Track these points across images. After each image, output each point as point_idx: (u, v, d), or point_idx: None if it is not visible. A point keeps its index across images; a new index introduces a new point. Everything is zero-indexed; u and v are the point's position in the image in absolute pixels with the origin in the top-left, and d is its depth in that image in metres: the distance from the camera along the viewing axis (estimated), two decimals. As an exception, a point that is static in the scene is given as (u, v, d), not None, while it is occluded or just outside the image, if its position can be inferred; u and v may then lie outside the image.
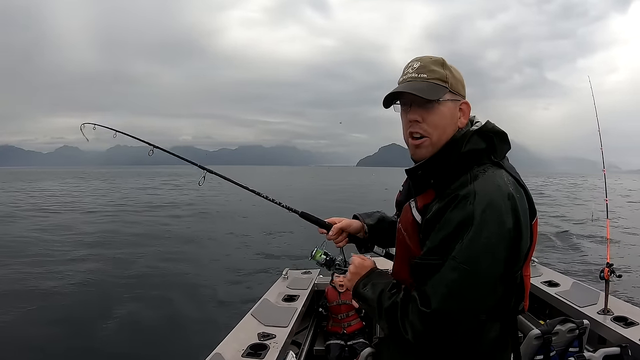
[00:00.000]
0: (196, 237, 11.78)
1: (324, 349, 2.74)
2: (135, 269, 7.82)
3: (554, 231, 11.97)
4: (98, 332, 4.70)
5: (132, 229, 12.90)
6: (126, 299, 5.96)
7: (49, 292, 6.16)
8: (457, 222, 0.89)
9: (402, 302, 0.95)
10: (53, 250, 9.45)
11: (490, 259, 0.87)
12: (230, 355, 1.78)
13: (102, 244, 10.22)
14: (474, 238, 0.87)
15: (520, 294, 1.00)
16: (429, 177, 1.02)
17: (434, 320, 0.88)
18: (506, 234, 0.88)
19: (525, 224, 0.92)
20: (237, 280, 7.25)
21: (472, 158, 0.99)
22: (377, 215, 1.39)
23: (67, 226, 13.07)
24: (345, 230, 1.34)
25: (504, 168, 0.99)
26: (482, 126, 1.03)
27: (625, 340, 1.87)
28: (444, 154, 1.00)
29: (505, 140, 1.04)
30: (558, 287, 2.62)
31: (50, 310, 5.34)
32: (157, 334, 4.74)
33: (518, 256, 0.92)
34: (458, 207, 0.90)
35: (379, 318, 1.00)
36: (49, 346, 4.28)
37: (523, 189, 0.98)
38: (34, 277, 6.97)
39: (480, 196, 0.89)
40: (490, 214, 0.87)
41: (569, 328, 1.61)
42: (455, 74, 1.03)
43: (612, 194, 24.30)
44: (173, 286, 6.68)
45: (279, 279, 2.99)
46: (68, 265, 7.99)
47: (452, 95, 1.01)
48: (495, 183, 0.93)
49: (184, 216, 16.38)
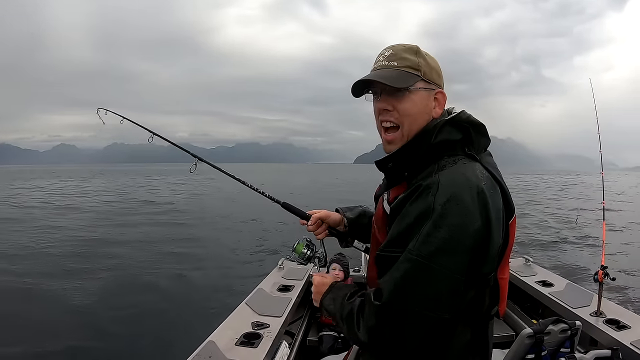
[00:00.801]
0: (191, 227, 11.83)
1: (317, 340, 2.76)
2: (128, 258, 7.84)
3: (548, 232, 12.01)
4: (92, 321, 4.72)
5: (126, 222, 12.92)
6: (119, 288, 5.98)
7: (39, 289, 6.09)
8: (416, 213, 0.85)
9: (359, 305, 0.93)
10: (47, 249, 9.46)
11: (448, 254, 0.81)
12: (224, 344, 1.79)
13: (96, 238, 10.23)
14: (431, 231, 0.81)
15: (494, 297, 0.94)
16: (402, 169, 0.98)
17: (385, 313, 0.85)
18: (471, 230, 0.82)
19: (496, 222, 0.86)
20: (233, 270, 7.29)
21: (443, 149, 0.94)
22: (358, 209, 1.37)
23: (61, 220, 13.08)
24: (324, 221, 1.33)
25: (478, 161, 0.94)
26: (456, 115, 0.98)
27: (616, 343, 1.88)
28: (414, 145, 0.96)
29: (483, 132, 0.99)
30: (552, 287, 2.63)
31: (40, 304, 5.32)
32: (151, 321, 4.77)
33: (486, 256, 0.86)
34: (419, 198, 0.86)
35: (342, 326, 0.98)
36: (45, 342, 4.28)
37: (499, 185, 0.93)
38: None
39: (443, 187, 0.84)
40: (453, 206, 0.82)
41: (561, 328, 1.61)
42: (430, 62, 0.98)
43: (609, 194, 24.34)
44: (167, 274, 6.73)
45: (275, 268, 2.99)
46: (59, 257, 8.00)
47: (425, 84, 0.96)
48: (463, 175, 0.87)
49: (178, 210, 16.41)
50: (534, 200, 21.18)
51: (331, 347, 2.70)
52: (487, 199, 0.85)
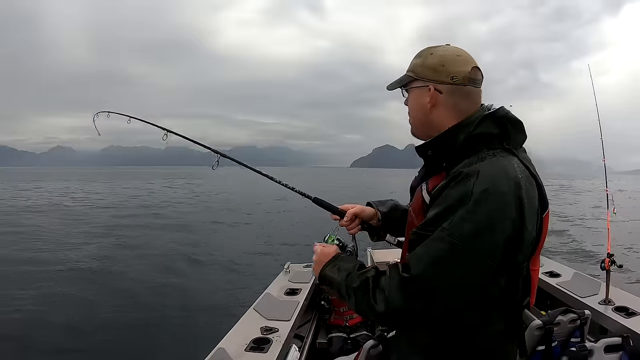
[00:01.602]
0: (198, 232, 11.81)
1: (327, 342, 2.76)
2: (135, 263, 7.85)
3: (554, 222, 11.98)
4: (100, 328, 4.72)
5: (135, 224, 12.93)
6: (127, 294, 5.99)
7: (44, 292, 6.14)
8: (455, 197, 0.87)
9: (375, 276, 0.95)
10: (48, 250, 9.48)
11: (480, 239, 0.84)
12: (234, 350, 1.79)
13: (104, 238, 10.25)
14: (467, 215, 0.84)
15: (526, 287, 0.97)
16: (441, 159, 1.01)
17: (412, 286, 0.86)
18: (506, 219, 0.85)
19: (530, 213, 0.89)
20: (239, 275, 7.29)
21: (482, 141, 0.97)
22: (390, 203, 1.39)
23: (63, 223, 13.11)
24: (358, 216, 1.34)
25: (516, 156, 0.96)
26: (495, 111, 1.01)
27: (626, 330, 1.87)
28: (451, 135, 1.00)
29: (521, 129, 1.03)
30: (559, 278, 2.62)
31: (50, 309, 5.36)
32: (160, 329, 4.77)
33: (520, 246, 0.88)
34: (459, 184, 0.89)
35: (347, 297, 0.99)
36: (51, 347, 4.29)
37: (535, 180, 0.95)
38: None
39: (483, 176, 0.87)
40: (491, 194, 0.85)
41: (570, 318, 1.61)
42: (427, 60, 1.02)
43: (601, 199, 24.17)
44: (175, 282, 6.73)
45: (281, 272, 2.99)
46: (64, 260, 8.00)
47: (420, 82, 1.03)
48: (502, 166, 0.91)
49: (186, 212, 16.42)
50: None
51: (341, 348, 2.69)
52: (523, 190, 0.88)
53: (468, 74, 1.00)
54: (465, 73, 1.00)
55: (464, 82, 1.00)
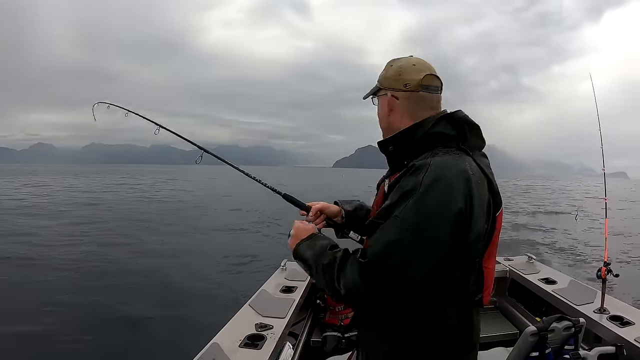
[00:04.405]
0: (193, 228, 11.82)
1: (321, 341, 2.77)
2: (129, 259, 7.85)
3: (549, 230, 11.99)
4: (94, 324, 4.71)
5: (126, 220, 12.94)
6: (121, 290, 5.99)
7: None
8: (406, 188, 0.93)
9: (341, 258, 0.99)
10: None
11: (430, 225, 0.88)
12: (228, 345, 1.79)
13: (96, 236, 10.25)
14: (417, 203, 0.90)
15: (479, 283, 1.01)
16: (402, 157, 1.07)
17: (368, 270, 0.91)
18: (453, 209, 0.89)
19: (479, 208, 0.93)
20: (236, 272, 7.29)
21: (438, 139, 1.03)
22: (355, 203, 1.46)
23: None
24: (323, 212, 1.41)
25: (471, 156, 1.02)
26: (452, 113, 1.06)
27: (620, 339, 1.88)
28: (409, 133, 1.06)
29: (478, 134, 1.08)
30: (555, 285, 2.63)
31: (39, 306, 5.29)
32: (155, 324, 4.77)
33: (469, 236, 0.91)
34: (411, 175, 0.95)
35: (316, 274, 1.04)
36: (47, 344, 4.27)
37: (488, 179, 1.00)
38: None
39: (433, 168, 0.93)
40: (439, 186, 0.90)
41: (565, 326, 1.62)
42: (388, 72, 1.12)
43: (589, 198, 23.97)
44: (171, 277, 6.73)
45: (277, 270, 2.99)
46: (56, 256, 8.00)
47: (383, 91, 1.13)
48: (453, 162, 0.96)
49: (181, 208, 16.41)
50: (533, 203, 21.11)
51: (335, 347, 2.70)
52: (473, 184, 0.93)
53: (420, 81, 1.06)
54: (417, 80, 1.06)
55: (416, 88, 1.07)
